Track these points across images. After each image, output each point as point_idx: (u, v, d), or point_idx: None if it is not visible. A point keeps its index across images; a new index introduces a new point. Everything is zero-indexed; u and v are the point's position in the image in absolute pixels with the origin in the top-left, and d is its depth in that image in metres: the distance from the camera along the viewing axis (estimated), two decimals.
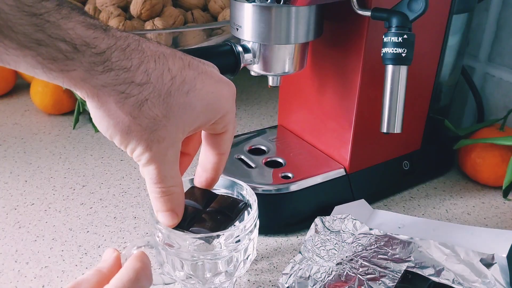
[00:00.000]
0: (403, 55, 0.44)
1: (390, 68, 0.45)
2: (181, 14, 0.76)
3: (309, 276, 0.44)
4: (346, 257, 0.45)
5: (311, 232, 0.49)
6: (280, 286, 0.45)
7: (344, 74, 0.53)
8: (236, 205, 0.42)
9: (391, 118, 0.46)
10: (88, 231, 0.54)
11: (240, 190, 0.44)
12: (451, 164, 0.67)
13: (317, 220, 0.50)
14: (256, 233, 0.42)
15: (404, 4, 0.44)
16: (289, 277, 0.45)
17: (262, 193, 0.53)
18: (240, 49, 0.49)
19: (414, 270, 0.43)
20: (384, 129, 0.46)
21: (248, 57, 0.50)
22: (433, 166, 0.65)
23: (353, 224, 0.48)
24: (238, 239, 0.39)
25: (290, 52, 0.50)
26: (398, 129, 0.46)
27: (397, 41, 0.43)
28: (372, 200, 0.58)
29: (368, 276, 0.43)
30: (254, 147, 0.61)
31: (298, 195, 0.54)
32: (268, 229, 0.54)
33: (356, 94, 0.53)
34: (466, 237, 0.50)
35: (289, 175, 0.55)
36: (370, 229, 0.47)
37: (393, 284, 0.42)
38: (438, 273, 0.43)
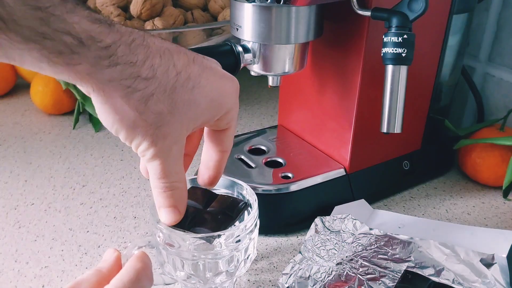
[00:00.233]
0: (403, 55, 0.44)
1: (390, 68, 0.45)
2: (181, 14, 0.76)
3: (309, 276, 0.44)
4: (346, 257, 0.45)
5: (311, 232, 0.49)
6: (280, 286, 0.45)
7: (344, 74, 0.53)
8: (237, 205, 0.42)
9: (391, 118, 0.46)
10: (88, 231, 0.54)
11: (240, 190, 0.44)
12: (451, 164, 0.67)
13: (317, 220, 0.50)
14: (257, 233, 0.42)
15: (404, 4, 0.44)
16: (289, 277, 0.45)
17: (262, 193, 0.53)
18: (240, 49, 0.49)
19: (414, 270, 0.43)
20: (384, 129, 0.46)
21: (248, 57, 0.50)
22: (433, 166, 0.65)
23: (353, 224, 0.48)
24: (239, 239, 0.39)
25: (290, 52, 0.50)
26: (398, 129, 0.46)
27: (397, 41, 0.43)
28: (372, 200, 0.58)
29: (368, 276, 0.43)
30: (254, 147, 0.61)
31: (298, 195, 0.54)
32: (268, 229, 0.54)
33: (356, 94, 0.53)
34: (466, 237, 0.50)
35: (289, 175, 0.55)
36: (370, 229, 0.47)
37: (393, 284, 0.42)
38: (438, 273, 0.43)
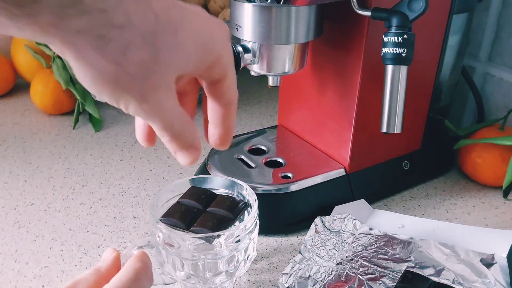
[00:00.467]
0: (403, 55, 0.44)
1: (390, 68, 0.45)
2: None
3: (309, 276, 0.44)
4: (346, 257, 0.45)
5: (311, 232, 0.49)
6: (280, 286, 0.45)
7: (344, 74, 0.53)
8: (236, 205, 0.42)
9: (391, 118, 0.46)
10: (88, 231, 0.54)
11: (240, 190, 0.44)
12: (451, 164, 0.67)
13: (317, 220, 0.50)
14: (256, 233, 0.42)
15: (404, 4, 0.44)
16: (289, 277, 0.45)
17: (262, 193, 0.53)
18: (240, 49, 0.49)
19: (414, 270, 0.43)
20: (384, 129, 0.46)
21: (248, 57, 0.50)
22: (433, 166, 0.65)
23: (353, 224, 0.48)
24: (239, 239, 0.39)
25: (290, 52, 0.50)
26: (398, 129, 0.46)
27: (397, 41, 0.43)
28: (372, 200, 0.58)
29: (368, 276, 0.43)
30: (254, 147, 0.61)
31: (298, 195, 0.54)
32: (268, 229, 0.54)
33: (356, 94, 0.52)
34: (466, 237, 0.50)
35: (289, 175, 0.55)
36: (370, 229, 0.47)
37: (393, 284, 0.42)
38: (438, 273, 0.43)
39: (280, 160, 0.58)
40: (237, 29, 0.49)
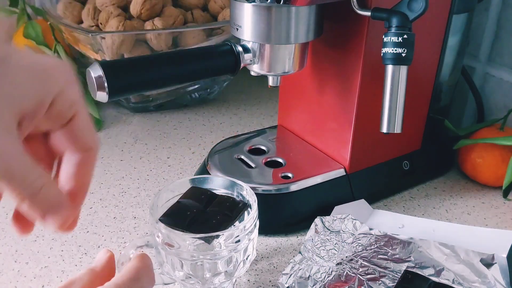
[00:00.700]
0: (403, 55, 0.44)
1: (390, 68, 0.45)
2: (181, 14, 0.76)
3: (309, 276, 0.44)
4: (346, 257, 0.45)
5: (311, 232, 0.49)
6: (280, 286, 0.45)
7: (344, 74, 0.53)
8: (236, 205, 0.42)
9: (391, 118, 0.46)
10: (88, 231, 0.54)
11: (240, 191, 0.44)
12: (451, 164, 0.67)
13: (317, 220, 0.50)
14: (256, 233, 0.42)
15: (404, 4, 0.44)
16: (289, 277, 0.45)
17: (262, 193, 0.53)
18: (240, 49, 0.49)
19: (414, 270, 0.43)
20: (384, 129, 0.46)
21: (248, 57, 0.50)
22: (433, 166, 0.65)
23: (353, 224, 0.48)
24: (238, 239, 0.39)
25: (290, 52, 0.50)
26: (398, 129, 0.46)
27: (397, 41, 0.43)
28: (372, 200, 0.58)
29: (368, 276, 0.43)
30: (254, 147, 0.61)
31: (298, 195, 0.54)
32: (268, 229, 0.54)
33: (356, 94, 0.52)
34: (466, 237, 0.50)
35: (289, 175, 0.55)
36: (370, 229, 0.47)
37: (393, 284, 0.42)
38: (438, 273, 0.43)
39: (280, 160, 0.58)
40: (237, 29, 0.49)
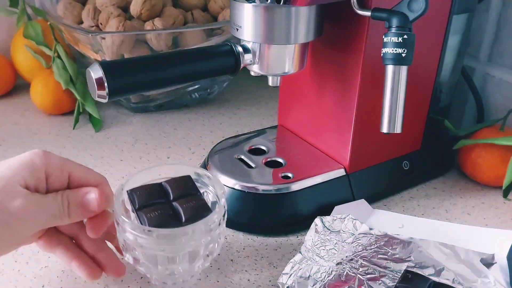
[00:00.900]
0: (403, 55, 0.44)
1: (390, 68, 0.45)
2: (181, 14, 0.76)
3: (309, 276, 0.44)
4: (346, 257, 0.45)
5: (311, 232, 0.49)
6: (280, 286, 0.45)
7: (344, 74, 0.53)
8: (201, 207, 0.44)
9: (392, 118, 0.46)
10: None
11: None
12: (451, 164, 0.67)
13: (317, 220, 0.50)
14: (221, 233, 0.43)
15: (404, 4, 0.44)
16: (289, 277, 0.45)
17: (262, 193, 0.53)
18: (240, 49, 0.49)
19: (414, 270, 0.43)
20: (385, 129, 0.46)
21: (248, 57, 0.50)
22: (433, 166, 0.65)
23: (353, 224, 0.48)
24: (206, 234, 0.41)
25: (290, 52, 0.50)
26: (399, 129, 0.46)
27: (397, 41, 0.43)
28: (372, 200, 0.58)
29: (368, 276, 0.43)
30: (254, 147, 0.61)
31: (298, 195, 0.54)
32: (268, 229, 0.54)
33: (356, 94, 0.53)
34: (466, 237, 0.50)
35: (289, 175, 0.55)
36: (370, 229, 0.47)
37: (393, 284, 0.42)
38: (438, 273, 0.43)
39: (280, 160, 0.58)
40: (237, 30, 0.49)
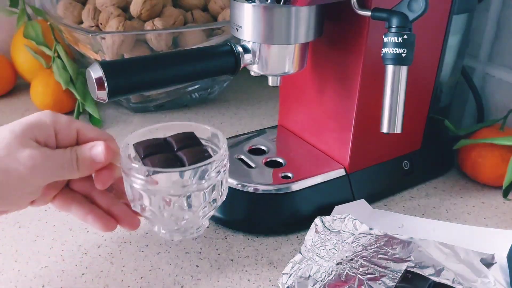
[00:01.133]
0: (403, 55, 0.44)
1: (390, 68, 0.45)
2: (181, 14, 0.76)
3: (309, 276, 0.44)
4: (346, 257, 0.45)
5: (311, 232, 0.49)
6: (280, 286, 0.45)
7: (344, 74, 0.53)
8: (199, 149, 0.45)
9: (392, 118, 0.46)
10: (88, 231, 0.54)
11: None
12: (451, 164, 0.67)
13: (317, 220, 0.50)
14: (224, 177, 0.45)
15: (404, 4, 0.44)
16: (289, 277, 0.45)
17: (262, 193, 0.53)
18: (240, 49, 0.49)
19: (414, 270, 0.43)
20: (385, 129, 0.46)
21: (248, 57, 0.50)
22: (433, 166, 0.65)
23: (353, 224, 0.48)
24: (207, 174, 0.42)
25: (290, 52, 0.50)
26: (399, 129, 0.46)
27: (397, 41, 0.43)
28: (372, 200, 0.58)
29: (368, 276, 0.43)
30: (254, 147, 0.61)
31: (298, 195, 0.54)
32: (268, 229, 0.54)
33: (356, 94, 0.53)
34: (466, 237, 0.50)
35: (289, 175, 0.55)
36: (370, 229, 0.47)
37: (393, 284, 0.42)
38: (438, 273, 0.43)
39: (280, 160, 0.58)
40: (237, 30, 0.49)
